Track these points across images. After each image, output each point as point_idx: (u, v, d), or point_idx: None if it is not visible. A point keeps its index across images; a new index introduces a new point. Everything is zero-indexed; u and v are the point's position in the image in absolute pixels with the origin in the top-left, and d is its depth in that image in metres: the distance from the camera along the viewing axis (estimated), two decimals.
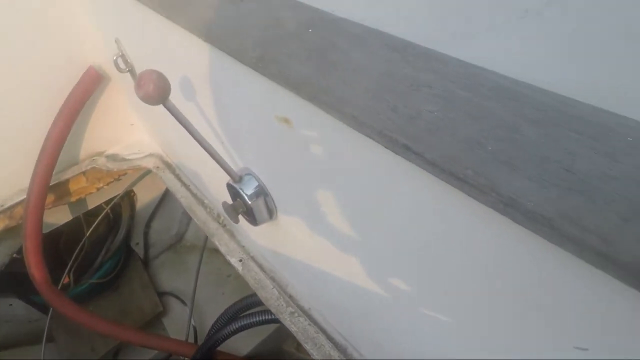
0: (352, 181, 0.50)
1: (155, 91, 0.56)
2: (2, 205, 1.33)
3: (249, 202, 0.76)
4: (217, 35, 0.56)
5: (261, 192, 0.77)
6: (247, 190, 0.76)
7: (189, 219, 2.31)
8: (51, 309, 1.48)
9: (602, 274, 0.25)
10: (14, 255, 1.51)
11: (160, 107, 0.63)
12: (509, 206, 0.28)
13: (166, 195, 2.15)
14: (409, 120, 0.36)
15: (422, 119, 0.36)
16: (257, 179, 0.77)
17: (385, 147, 0.37)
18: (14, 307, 1.81)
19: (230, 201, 0.81)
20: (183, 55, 0.75)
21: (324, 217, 0.64)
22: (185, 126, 0.64)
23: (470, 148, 0.32)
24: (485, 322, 0.41)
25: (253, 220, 0.79)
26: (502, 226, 0.31)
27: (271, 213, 0.80)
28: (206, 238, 1.81)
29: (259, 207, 0.77)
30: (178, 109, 0.61)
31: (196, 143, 0.69)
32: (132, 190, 2.04)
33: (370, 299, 0.69)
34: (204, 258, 1.87)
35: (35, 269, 1.31)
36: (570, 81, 0.36)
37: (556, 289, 0.31)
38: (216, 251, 2.30)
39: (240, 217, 0.81)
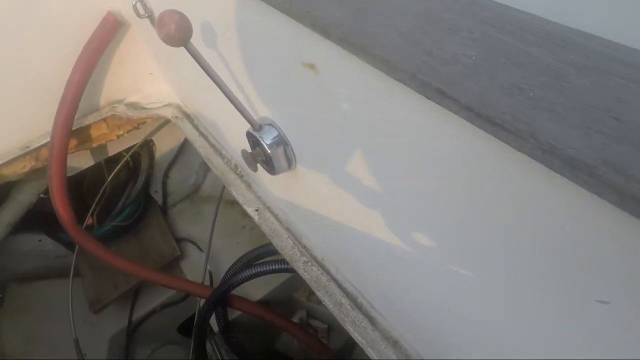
0: (378, 130, 0.48)
1: (177, 32, 0.54)
2: (27, 147, 1.36)
3: (268, 151, 0.75)
4: None
5: (281, 141, 0.76)
6: (267, 138, 0.75)
7: (206, 170, 2.33)
8: (77, 246, 1.54)
9: None
10: (41, 195, 1.56)
11: (180, 54, 0.62)
12: (547, 153, 0.27)
13: (184, 147, 2.16)
14: (444, 64, 0.34)
15: (459, 63, 0.34)
16: (277, 128, 0.76)
17: (418, 92, 0.35)
18: (43, 243, 1.91)
19: (249, 149, 0.80)
20: None
21: (345, 168, 0.63)
22: (207, 70, 0.62)
23: (510, 94, 0.30)
24: (509, 276, 0.41)
25: (271, 169, 0.79)
26: (539, 175, 0.29)
27: (290, 163, 0.79)
28: (223, 189, 1.84)
29: (278, 156, 0.77)
30: (199, 52, 0.59)
31: (216, 91, 0.68)
32: (151, 140, 2.06)
33: (388, 251, 0.69)
34: (220, 209, 1.90)
35: (61, 208, 1.35)
36: (623, 27, 0.33)
37: (589, 240, 0.30)
38: (232, 203, 2.34)
39: (259, 166, 0.81)
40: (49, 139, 1.34)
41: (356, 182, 0.63)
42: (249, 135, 0.79)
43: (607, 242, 0.29)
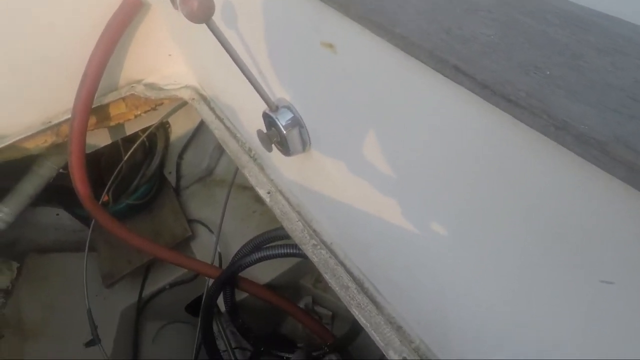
0: (396, 110, 0.48)
1: (200, 9, 0.55)
2: (49, 122, 1.39)
3: (284, 132, 0.76)
4: None
5: (296, 122, 0.77)
6: (283, 119, 0.76)
7: (220, 154, 2.36)
8: (93, 221, 1.59)
9: None
10: (61, 170, 1.60)
11: (200, 35, 0.62)
12: (560, 129, 0.27)
13: (199, 130, 2.18)
14: (462, 43, 0.34)
15: (477, 42, 0.34)
16: (294, 110, 0.77)
17: (435, 70, 0.35)
18: (61, 217, 1.96)
19: (265, 130, 0.81)
20: None
21: (359, 151, 0.64)
22: (227, 49, 0.63)
23: (527, 72, 0.30)
24: (520, 260, 0.41)
25: (286, 150, 0.80)
26: (551, 153, 0.30)
27: (304, 145, 0.80)
28: (235, 173, 1.86)
29: (293, 137, 0.77)
30: (220, 30, 0.60)
31: (234, 72, 0.69)
32: (167, 122, 2.09)
33: (399, 237, 0.70)
34: (232, 194, 1.93)
35: (80, 183, 1.39)
36: None
37: (599, 218, 0.30)
38: (244, 188, 2.36)
39: (273, 147, 0.82)
40: (69, 116, 1.37)
41: (370, 165, 0.64)
42: (265, 115, 0.80)
43: (617, 220, 0.29)
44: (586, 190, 0.30)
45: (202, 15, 0.55)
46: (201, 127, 2.18)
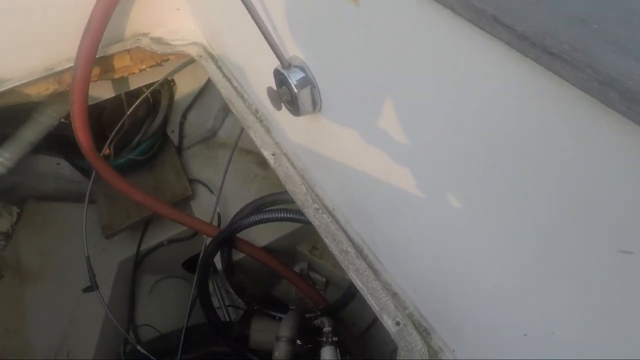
0: (418, 68, 0.46)
1: None
2: (52, 69, 1.36)
3: (295, 91, 0.74)
4: None
5: (308, 82, 0.74)
6: (294, 77, 0.74)
7: (224, 116, 2.32)
8: (93, 173, 1.57)
9: None
10: (62, 120, 1.57)
11: None
12: (604, 84, 0.25)
13: (204, 90, 2.14)
14: None
15: None
16: (306, 68, 0.74)
17: (470, 21, 0.33)
18: (61, 167, 1.95)
19: (275, 88, 0.79)
20: None
21: (375, 114, 0.62)
22: (245, 2, 0.60)
23: (572, 24, 0.28)
24: (540, 227, 0.40)
25: (296, 110, 0.77)
26: (595, 112, 0.28)
27: (315, 106, 0.78)
28: (240, 134, 1.83)
29: (304, 96, 0.75)
30: None
31: (246, 28, 0.66)
32: (172, 80, 2.04)
33: (404, 208, 0.69)
34: (234, 156, 1.91)
35: (82, 134, 1.36)
36: None
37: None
38: (247, 152, 2.34)
39: (282, 105, 0.80)
40: (72, 64, 1.33)
41: (384, 132, 0.62)
42: (276, 73, 0.77)
43: None
44: (629, 157, 0.28)
45: None
46: (207, 87, 2.13)
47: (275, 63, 0.79)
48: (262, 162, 2.25)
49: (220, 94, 1.37)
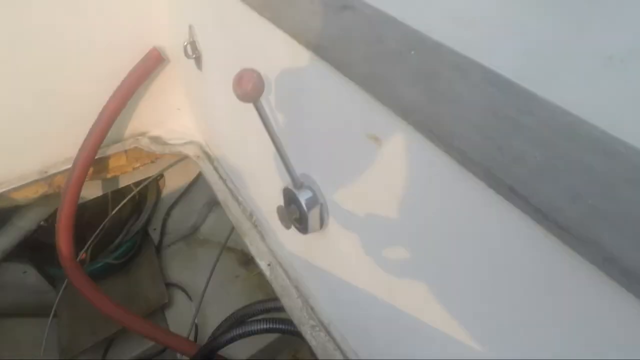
0: (433, 213, 0.54)
1: (253, 91, 0.62)
2: (45, 172, 1.39)
3: (305, 210, 0.81)
4: (321, 45, 0.62)
5: (317, 201, 0.82)
6: (304, 197, 0.81)
7: (208, 211, 2.37)
8: (64, 285, 1.53)
9: None
10: (42, 223, 1.58)
11: (220, 98, 0.65)
12: (607, 261, 0.33)
13: (192, 185, 2.22)
14: (513, 162, 0.41)
15: (526, 163, 0.41)
16: (316, 188, 0.82)
17: (489, 187, 0.42)
18: (27, 275, 1.83)
19: (283, 204, 0.86)
20: (272, 56, 0.81)
21: (388, 247, 0.68)
22: (268, 127, 0.70)
23: (572, 199, 0.37)
24: None
25: (304, 228, 0.84)
26: (599, 282, 0.35)
27: (322, 223, 0.85)
28: (228, 236, 1.87)
29: (314, 216, 0.82)
30: (266, 110, 0.67)
31: (253, 143, 0.73)
32: (161, 175, 2.12)
33: (408, 326, 0.72)
34: (214, 254, 1.91)
35: (64, 241, 1.36)
36: None
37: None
38: (227, 249, 2.35)
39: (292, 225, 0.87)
40: (68, 166, 1.37)
41: (400, 269, 0.68)
42: (286, 191, 0.85)
43: None
44: (629, 326, 0.35)
45: (253, 97, 0.63)
46: (194, 182, 2.22)
47: (280, 177, 0.86)
48: (244, 261, 2.25)
49: (207, 190, 1.42)
